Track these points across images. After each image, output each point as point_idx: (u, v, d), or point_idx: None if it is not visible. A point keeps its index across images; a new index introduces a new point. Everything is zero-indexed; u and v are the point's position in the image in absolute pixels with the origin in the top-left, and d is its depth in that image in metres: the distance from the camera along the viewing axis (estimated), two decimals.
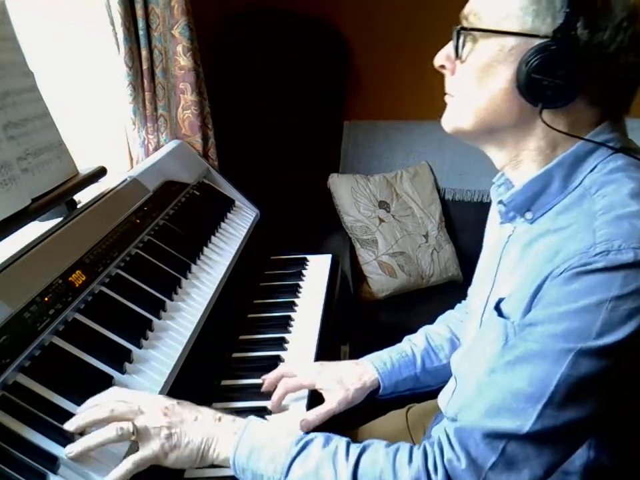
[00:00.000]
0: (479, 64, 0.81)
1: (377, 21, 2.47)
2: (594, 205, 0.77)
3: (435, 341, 1.16)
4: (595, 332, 0.71)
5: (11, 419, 0.79)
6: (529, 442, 0.73)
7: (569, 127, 0.80)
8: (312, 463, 0.79)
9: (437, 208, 2.41)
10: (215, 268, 1.35)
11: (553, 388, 0.72)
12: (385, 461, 0.78)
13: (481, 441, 0.75)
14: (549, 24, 0.76)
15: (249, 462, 0.81)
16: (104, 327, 1.00)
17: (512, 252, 0.89)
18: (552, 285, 0.75)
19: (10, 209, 0.98)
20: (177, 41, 1.64)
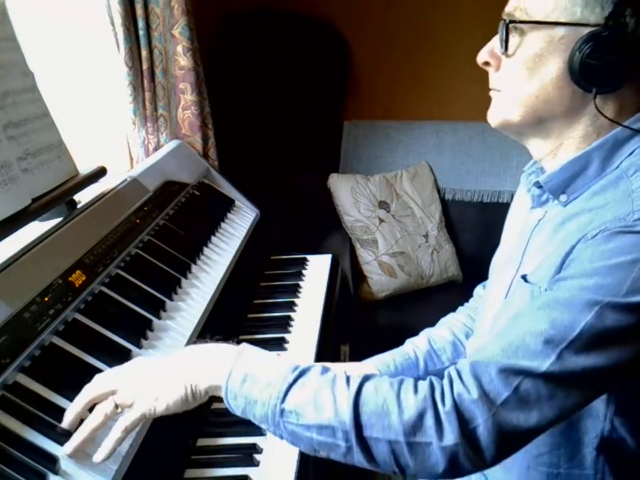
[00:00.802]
0: (528, 56, 0.83)
1: (377, 21, 2.47)
2: (631, 185, 0.79)
3: (437, 343, 1.16)
4: (626, 289, 0.72)
5: (11, 419, 0.79)
6: (544, 382, 0.73)
7: (616, 113, 0.82)
8: (310, 389, 0.76)
9: (437, 208, 2.41)
10: (214, 268, 1.35)
11: (576, 334, 0.73)
12: (389, 389, 0.76)
13: (495, 376, 0.74)
14: (597, 13, 0.78)
15: (243, 388, 0.77)
16: (104, 327, 1.00)
17: (542, 233, 0.89)
18: (585, 245, 0.77)
19: (10, 209, 0.98)
20: (176, 41, 1.64)
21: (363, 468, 0.77)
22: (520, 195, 1.05)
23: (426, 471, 0.74)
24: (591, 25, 0.79)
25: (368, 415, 0.74)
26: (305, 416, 0.75)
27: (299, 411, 0.75)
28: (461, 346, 1.15)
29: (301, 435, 0.76)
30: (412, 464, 0.74)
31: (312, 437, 0.75)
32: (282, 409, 0.76)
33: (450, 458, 0.73)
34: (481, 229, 2.42)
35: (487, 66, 0.89)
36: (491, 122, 0.90)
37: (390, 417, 0.74)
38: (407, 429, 0.73)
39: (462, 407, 0.73)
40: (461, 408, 0.73)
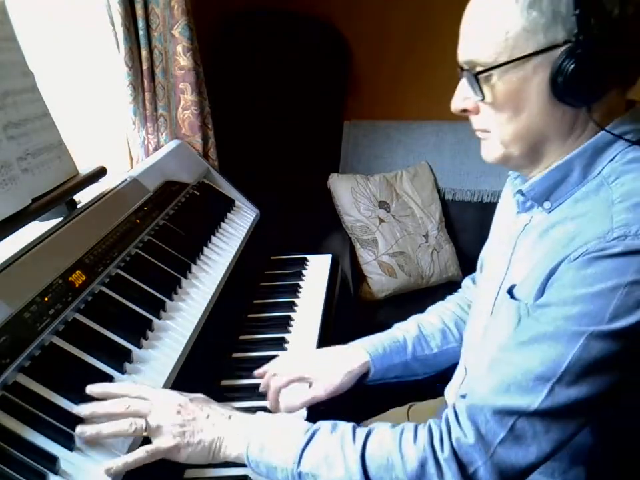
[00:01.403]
0: (507, 97, 0.81)
1: (377, 21, 2.47)
2: (612, 193, 0.78)
3: (426, 329, 1.16)
4: (608, 316, 0.72)
5: (11, 419, 0.79)
6: (538, 419, 0.75)
7: (602, 118, 0.81)
8: (321, 450, 0.81)
9: (437, 208, 2.41)
10: (214, 268, 1.35)
11: (564, 368, 0.74)
12: (392, 443, 0.80)
13: (491, 417, 0.76)
14: (562, 31, 0.76)
15: (262, 455, 0.84)
16: (104, 327, 1.00)
17: (528, 240, 0.89)
18: (568, 268, 0.76)
19: (10, 209, 0.98)
20: (176, 41, 1.64)
21: None
22: (507, 194, 1.05)
23: None
24: (559, 44, 0.76)
25: (375, 469, 0.79)
26: (320, 476, 0.81)
27: (314, 472, 0.81)
28: (450, 334, 1.16)
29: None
30: None
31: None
32: (299, 472, 0.82)
33: None
34: (481, 229, 2.41)
35: (465, 113, 0.88)
36: (488, 161, 0.89)
37: (395, 469, 0.78)
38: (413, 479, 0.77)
39: (460, 452, 0.76)
40: (460, 453, 0.76)
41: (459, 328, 1.17)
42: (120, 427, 0.84)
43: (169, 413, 0.86)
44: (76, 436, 0.81)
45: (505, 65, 0.79)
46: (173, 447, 0.84)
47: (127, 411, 0.85)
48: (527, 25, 0.77)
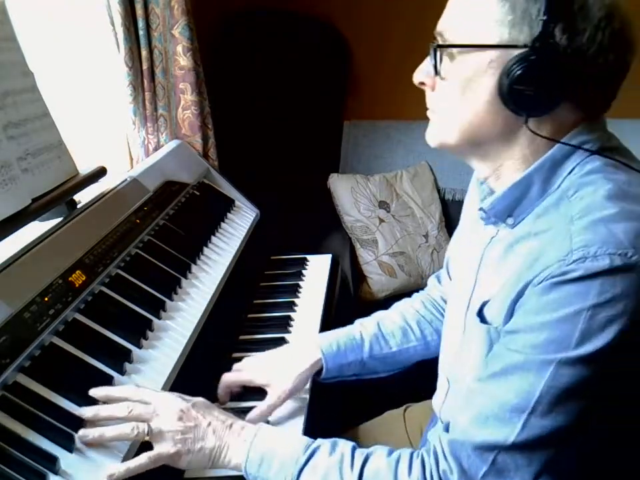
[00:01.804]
0: (459, 79, 0.81)
1: (377, 21, 2.47)
2: (571, 208, 0.77)
3: (386, 327, 1.16)
4: (575, 341, 0.72)
5: (11, 419, 0.79)
6: (518, 451, 0.75)
7: (553, 132, 0.80)
8: (320, 472, 0.82)
9: (436, 208, 2.41)
10: (214, 268, 1.35)
11: (537, 398, 0.73)
12: (387, 472, 0.81)
13: (472, 452, 0.77)
14: (526, 33, 0.75)
15: (260, 471, 0.84)
16: (104, 327, 1.00)
17: (494, 254, 0.89)
18: (531, 293, 0.76)
19: (10, 209, 0.98)
20: (176, 41, 1.64)
21: None
22: (470, 202, 1.05)
23: None
24: (519, 46, 0.75)
25: None
26: None
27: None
28: (411, 333, 1.16)
29: None
30: None
31: None
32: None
33: None
34: None
35: (423, 86, 0.87)
36: (429, 142, 0.89)
37: None
38: None
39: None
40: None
41: (421, 327, 1.17)
42: (122, 430, 0.84)
43: (170, 419, 0.86)
44: (76, 436, 0.81)
45: (464, 47, 0.79)
46: (174, 454, 0.85)
47: (129, 415, 0.85)
48: (497, 15, 0.77)
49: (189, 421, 0.86)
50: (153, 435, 0.84)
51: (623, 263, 0.71)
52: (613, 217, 0.74)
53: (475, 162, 0.88)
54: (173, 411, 0.87)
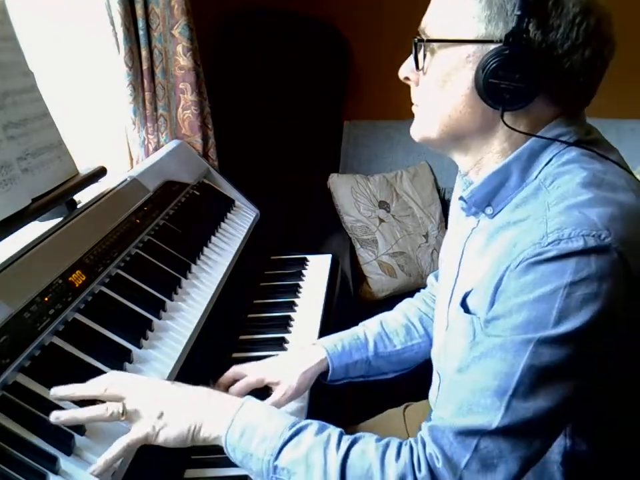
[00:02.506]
0: (439, 73, 0.83)
1: (377, 21, 2.47)
2: (548, 196, 0.78)
3: (389, 326, 1.16)
4: (553, 320, 0.72)
5: (11, 420, 0.79)
6: (501, 437, 0.73)
7: (530, 126, 0.82)
8: (303, 449, 0.79)
9: (436, 208, 2.41)
10: (214, 268, 1.35)
11: (517, 379, 0.72)
12: (374, 455, 0.78)
13: (453, 439, 0.75)
14: (501, 28, 0.77)
15: (241, 441, 0.81)
16: (104, 327, 1.00)
17: (475, 244, 0.89)
18: (509, 277, 0.76)
19: (10, 209, 0.98)
20: (176, 41, 1.64)
21: None
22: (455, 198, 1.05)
23: None
24: (495, 41, 0.77)
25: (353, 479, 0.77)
26: (297, 474, 0.78)
27: (290, 468, 0.78)
28: (414, 330, 1.17)
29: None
30: None
31: None
32: (275, 466, 0.79)
33: None
34: None
35: (407, 81, 0.90)
36: (413, 137, 0.91)
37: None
38: None
39: (435, 473, 0.75)
40: (435, 473, 0.75)
41: (424, 324, 1.17)
42: (95, 411, 0.81)
43: (148, 395, 0.84)
44: (76, 436, 0.81)
45: (444, 42, 0.81)
46: (149, 430, 0.81)
47: (104, 394, 0.83)
48: (475, 11, 0.79)
49: (166, 396, 0.84)
50: (129, 414, 0.82)
51: (596, 244, 0.72)
52: (587, 202, 0.75)
53: (457, 156, 0.90)
54: (150, 388, 0.85)
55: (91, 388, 0.84)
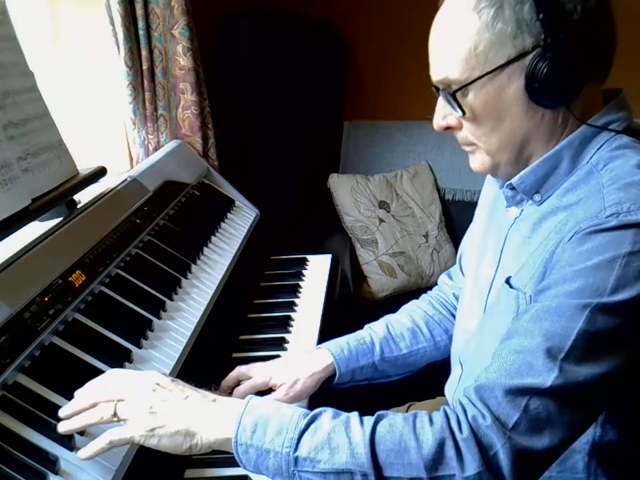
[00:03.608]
0: (487, 109, 0.83)
1: (377, 21, 2.47)
2: (601, 178, 0.79)
3: (395, 329, 1.15)
4: (610, 288, 0.72)
5: (11, 419, 0.79)
6: (552, 398, 0.72)
7: (584, 111, 0.82)
8: (323, 433, 0.74)
9: (436, 208, 2.41)
10: (215, 268, 1.35)
11: (571, 343, 0.72)
12: (404, 424, 0.74)
13: (502, 399, 0.73)
14: (530, 37, 0.78)
15: (254, 437, 0.75)
16: (104, 327, 1.00)
17: (520, 232, 0.89)
18: (564, 249, 0.76)
19: (10, 209, 0.98)
20: (177, 41, 1.64)
21: None
22: (489, 189, 1.05)
23: None
24: (529, 51, 0.78)
25: (386, 453, 0.73)
26: (321, 462, 0.73)
27: (313, 456, 0.73)
28: (420, 334, 1.16)
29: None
30: None
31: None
32: (296, 457, 0.74)
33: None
34: None
35: (450, 130, 0.88)
36: (479, 172, 0.90)
37: (409, 453, 0.72)
38: (428, 464, 0.72)
39: (479, 433, 0.72)
40: (479, 434, 0.72)
41: (430, 327, 1.16)
42: (87, 420, 0.78)
43: (142, 394, 0.79)
44: (76, 436, 0.81)
45: (479, 80, 0.81)
46: (141, 431, 0.77)
47: (96, 400, 0.79)
48: (494, 37, 0.78)
49: (162, 394, 0.79)
50: (120, 416, 0.78)
51: None
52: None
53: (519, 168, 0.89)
54: (147, 385, 0.80)
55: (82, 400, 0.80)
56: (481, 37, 0.79)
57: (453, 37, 0.81)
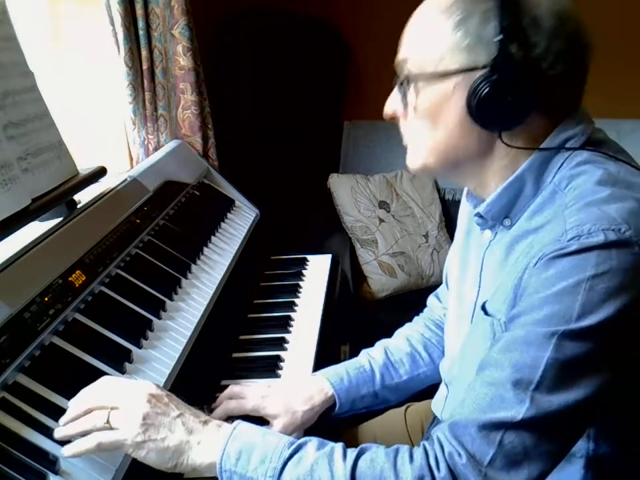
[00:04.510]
0: (428, 107, 0.83)
1: (377, 21, 2.47)
2: (565, 198, 0.79)
3: (394, 355, 1.13)
4: (576, 313, 0.71)
5: (11, 419, 0.79)
6: (526, 430, 0.72)
7: (528, 140, 0.82)
8: (306, 465, 0.75)
9: (436, 208, 2.41)
10: (215, 268, 1.35)
11: (541, 372, 0.72)
12: (385, 460, 0.75)
13: (476, 435, 0.73)
14: (484, 55, 0.78)
15: (238, 465, 0.76)
16: (104, 327, 1.00)
17: (494, 256, 0.89)
18: (530, 275, 0.76)
19: (10, 209, 0.98)
20: (177, 41, 1.64)
21: None
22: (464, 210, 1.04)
23: None
24: (479, 67, 0.78)
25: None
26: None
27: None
28: (420, 358, 1.13)
29: None
30: None
31: None
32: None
33: None
34: None
35: (394, 119, 0.89)
36: (410, 169, 0.90)
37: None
38: None
39: (456, 472, 0.73)
40: (455, 472, 0.73)
41: (429, 351, 1.14)
42: (82, 427, 0.79)
43: (137, 402, 0.79)
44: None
45: (428, 77, 0.81)
46: (130, 441, 0.77)
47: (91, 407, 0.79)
48: (454, 43, 0.79)
49: (157, 407, 0.79)
50: (114, 421, 0.78)
51: (617, 237, 0.72)
52: (604, 199, 0.75)
53: (458, 179, 0.91)
54: (142, 396, 0.80)
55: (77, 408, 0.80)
56: (444, 37, 0.80)
57: (423, 28, 0.84)
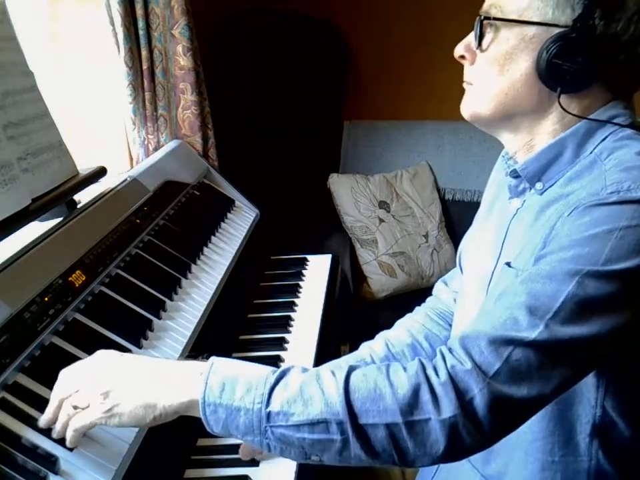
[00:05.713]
0: (500, 52, 0.85)
1: (377, 21, 2.47)
2: (604, 167, 0.80)
3: (395, 347, 1.11)
4: (604, 258, 0.73)
5: (11, 419, 0.79)
6: (533, 351, 0.72)
7: (583, 110, 0.84)
8: (294, 387, 0.73)
9: (437, 208, 2.41)
10: (215, 268, 1.35)
11: (559, 304, 0.73)
12: (378, 372, 0.74)
13: (485, 348, 0.73)
14: (568, 14, 0.80)
15: (223, 396, 0.73)
16: (104, 327, 1.00)
17: (522, 223, 0.89)
18: (563, 222, 0.78)
19: (10, 209, 0.98)
20: (177, 41, 1.64)
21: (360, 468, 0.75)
22: (492, 185, 1.05)
23: (426, 453, 0.72)
24: (560, 25, 0.80)
25: (361, 401, 0.72)
26: (295, 414, 0.71)
27: (286, 410, 0.72)
28: (422, 349, 1.12)
29: (292, 437, 0.72)
30: (412, 446, 0.71)
31: (304, 438, 0.72)
32: (268, 413, 0.72)
33: (450, 432, 0.71)
34: None
35: (462, 59, 0.91)
36: (463, 114, 0.92)
37: (384, 399, 0.71)
38: (404, 408, 0.71)
39: (457, 378, 0.72)
40: (456, 379, 0.72)
41: (430, 341, 1.12)
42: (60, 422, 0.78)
43: (92, 376, 0.77)
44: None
45: (510, 22, 0.83)
46: (96, 418, 0.75)
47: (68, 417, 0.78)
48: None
49: (112, 371, 0.77)
50: (79, 403, 0.76)
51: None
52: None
53: (506, 135, 0.91)
54: (94, 366, 0.78)
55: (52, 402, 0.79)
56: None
57: None
